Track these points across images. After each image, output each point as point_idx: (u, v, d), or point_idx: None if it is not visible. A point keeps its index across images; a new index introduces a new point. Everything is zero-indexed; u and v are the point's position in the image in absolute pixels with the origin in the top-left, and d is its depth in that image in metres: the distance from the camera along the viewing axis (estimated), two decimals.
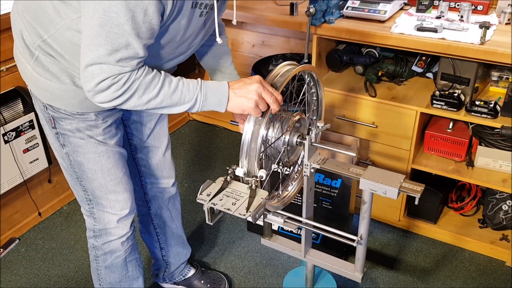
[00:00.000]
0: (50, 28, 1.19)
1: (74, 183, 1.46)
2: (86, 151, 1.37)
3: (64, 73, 1.24)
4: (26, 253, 2.20)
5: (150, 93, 1.15)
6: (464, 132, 2.04)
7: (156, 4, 1.04)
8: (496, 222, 2.12)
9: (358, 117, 2.07)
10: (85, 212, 1.52)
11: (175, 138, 3.06)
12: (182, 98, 1.18)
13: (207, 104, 1.21)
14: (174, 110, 1.21)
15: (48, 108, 1.31)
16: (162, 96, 1.16)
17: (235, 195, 1.24)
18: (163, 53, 1.24)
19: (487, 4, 2.00)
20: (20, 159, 2.08)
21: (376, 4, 1.96)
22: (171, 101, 1.18)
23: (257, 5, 2.31)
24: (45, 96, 1.29)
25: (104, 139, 1.38)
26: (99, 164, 1.40)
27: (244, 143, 1.23)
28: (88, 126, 1.34)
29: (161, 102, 1.17)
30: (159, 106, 1.18)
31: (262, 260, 2.13)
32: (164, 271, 1.91)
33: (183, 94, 1.18)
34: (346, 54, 2.16)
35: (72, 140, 1.35)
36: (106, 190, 1.44)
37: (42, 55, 1.23)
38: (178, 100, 1.18)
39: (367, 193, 1.38)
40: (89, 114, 1.32)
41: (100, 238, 1.53)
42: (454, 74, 1.91)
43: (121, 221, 1.51)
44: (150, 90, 1.15)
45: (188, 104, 1.20)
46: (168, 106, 1.19)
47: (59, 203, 2.45)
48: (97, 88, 1.10)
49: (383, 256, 2.14)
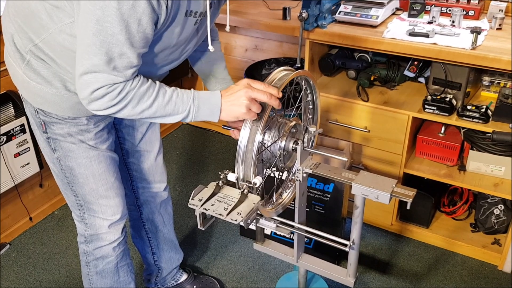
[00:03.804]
0: (42, 32, 1.18)
1: (65, 188, 1.45)
2: (78, 155, 1.36)
3: (55, 77, 1.24)
4: (17, 258, 2.18)
5: (144, 103, 1.15)
6: (456, 137, 2.05)
7: (150, 14, 1.04)
8: (488, 226, 2.12)
9: (350, 122, 2.08)
10: (76, 217, 1.52)
11: (167, 142, 3.05)
12: (175, 109, 1.19)
13: (200, 115, 1.22)
14: (168, 120, 1.21)
15: (39, 112, 1.31)
16: (156, 107, 1.17)
17: (227, 200, 1.24)
18: (156, 60, 1.24)
19: (479, 10, 2.01)
20: (11, 163, 2.06)
21: (368, 9, 1.97)
22: (164, 111, 1.18)
23: (250, 9, 2.32)
24: (36, 100, 1.28)
25: (95, 143, 1.37)
26: (90, 169, 1.39)
27: (240, 148, 1.22)
28: (79, 131, 1.33)
29: (154, 112, 1.18)
30: (152, 116, 1.19)
31: (254, 265, 2.13)
32: (156, 276, 1.90)
33: (176, 105, 1.19)
34: (338, 58, 2.17)
35: (63, 144, 1.34)
36: (98, 195, 1.44)
37: (34, 60, 1.22)
38: (172, 111, 1.19)
39: (359, 198, 1.38)
40: (80, 118, 1.32)
41: (91, 244, 1.52)
42: (446, 79, 1.92)
43: (112, 226, 1.50)
44: (144, 101, 1.15)
45: (181, 115, 1.20)
46: (162, 116, 1.20)
47: (50, 207, 2.43)
48: (91, 96, 1.11)
49: (376, 261, 2.14)
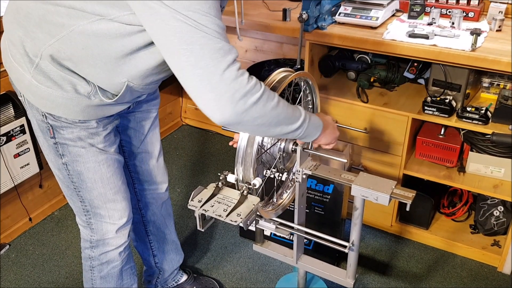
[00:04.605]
0: (60, 31, 1.13)
1: (71, 194, 1.44)
2: (87, 160, 1.35)
3: (65, 80, 1.20)
4: (16, 259, 2.18)
5: (272, 100, 1.07)
6: (456, 138, 2.05)
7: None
8: (487, 227, 2.12)
9: (350, 123, 2.08)
10: (81, 222, 1.50)
11: (167, 143, 3.05)
12: (294, 113, 1.14)
13: (310, 125, 1.20)
14: (288, 129, 1.14)
15: (48, 117, 1.28)
16: (282, 106, 1.10)
17: (226, 202, 1.24)
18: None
19: (478, 11, 2.01)
20: (11, 164, 2.06)
21: (368, 11, 1.97)
22: (287, 113, 1.12)
23: (250, 10, 2.32)
24: (45, 104, 1.26)
25: (104, 146, 1.37)
26: (99, 173, 1.38)
27: (239, 150, 1.22)
28: (89, 134, 1.32)
29: (280, 113, 1.10)
30: (276, 120, 1.10)
31: (254, 266, 2.13)
32: (157, 278, 1.90)
33: (293, 108, 1.14)
34: (338, 60, 2.17)
35: (72, 149, 1.33)
36: (106, 199, 1.43)
37: (45, 62, 1.18)
38: (293, 113, 1.14)
39: (359, 199, 1.38)
40: (90, 121, 1.31)
41: (97, 249, 1.51)
42: (446, 81, 1.92)
43: (119, 230, 1.49)
44: (271, 98, 1.07)
45: (299, 121, 1.16)
46: (285, 119, 1.12)
47: (50, 208, 2.43)
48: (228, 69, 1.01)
49: (375, 262, 2.14)
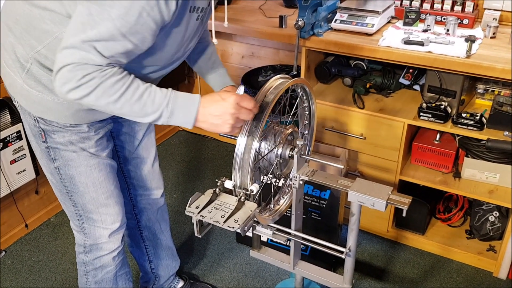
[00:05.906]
0: (46, 38, 1.17)
1: (64, 199, 1.44)
2: (78, 164, 1.36)
3: None
4: (12, 265, 2.17)
5: (110, 97, 1.08)
6: (451, 144, 2.06)
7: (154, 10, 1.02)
8: (483, 233, 2.13)
9: (346, 129, 2.09)
10: (75, 227, 1.50)
11: (164, 149, 3.05)
12: (143, 109, 1.12)
13: (172, 120, 1.15)
14: (139, 120, 1.15)
15: (40, 121, 1.30)
16: (122, 103, 1.10)
17: (224, 208, 1.24)
18: (162, 59, 1.22)
19: (473, 18, 2.03)
20: (7, 170, 2.06)
21: (364, 18, 1.98)
22: (131, 110, 1.12)
23: (247, 17, 2.33)
24: (36, 109, 1.27)
25: (96, 151, 1.37)
26: (91, 177, 1.39)
27: (237, 156, 1.23)
28: (81, 139, 1.33)
29: (120, 108, 1.11)
30: (119, 112, 1.12)
31: (251, 272, 2.13)
32: (153, 284, 1.90)
33: (145, 106, 1.11)
34: (334, 66, 2.18)
35: (64, 153, 1.34)
36: (98, 203, 1.43)
37: (35, 67, 1.21)
38: (139, 111, 1.12)
39: (356, 205, 1.39)
40: (81, 126, 1.32)
41: (91, 254, 1.51)
42: (441, 87, 1.94)
43: (112, 235, 1.49)
44: (110, 94, 1.08)
45: (151, 117, 1.13)
46: (129, 115, 1.13)
47: (46, 214, 2.43)
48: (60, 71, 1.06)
49: (372, 267, 2.14)
